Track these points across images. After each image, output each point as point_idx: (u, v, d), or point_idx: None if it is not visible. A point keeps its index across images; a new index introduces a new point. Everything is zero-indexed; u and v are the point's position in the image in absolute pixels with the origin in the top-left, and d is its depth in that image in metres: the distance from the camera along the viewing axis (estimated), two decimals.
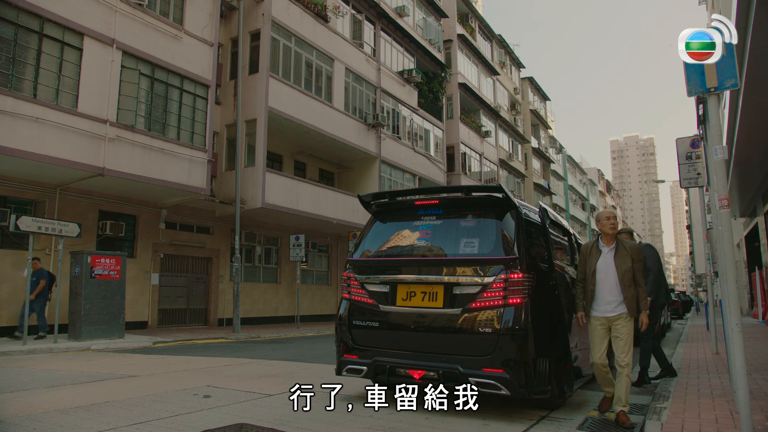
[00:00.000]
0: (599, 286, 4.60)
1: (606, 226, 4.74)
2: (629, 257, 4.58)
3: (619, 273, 4.55)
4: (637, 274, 4.56)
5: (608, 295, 4.56)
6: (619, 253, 4.62)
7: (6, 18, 11.25)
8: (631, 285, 4.51)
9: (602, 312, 4.58)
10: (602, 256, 4.66)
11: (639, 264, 4.58)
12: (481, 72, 33.68)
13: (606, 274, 4.59)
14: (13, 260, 12.63)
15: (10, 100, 11.12)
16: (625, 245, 4.64)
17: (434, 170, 26.41)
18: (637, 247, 4.69)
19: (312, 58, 19.16)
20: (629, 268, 4.54)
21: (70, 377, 6.52)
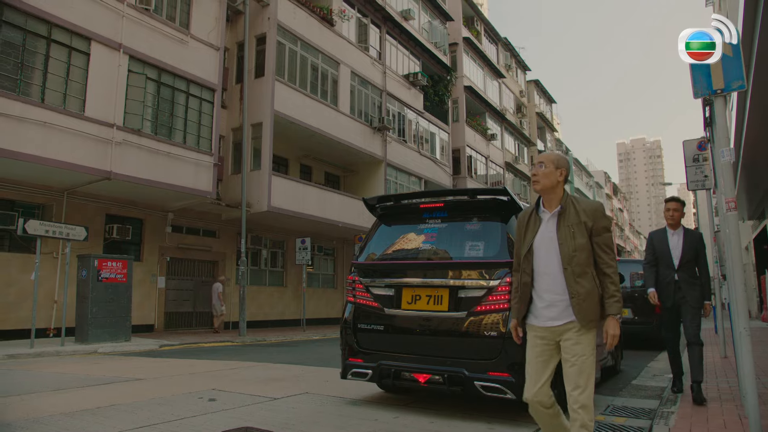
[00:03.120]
0: (537, 276, 2.97)
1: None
2: (583, 226, 2.91)
3: (563, 253, 2.90)
4: (601, 253, 2.91)
5: (548, 291, 2.93)
6: (564, 220, 2.95)
7: (14, 23, 11.35)
8: (585, 274, 2.86)
9: (542, 319, 2.94)
10: (542, 226, 3.02)
11: (603, 237, 2.93)
12: (487, 75, 33.65)
13: (547, 255, 2.95)
14: (20, 264, 12.70)
15: (19, 105, 11.20)
16: (578, 205, 2.98)
17: (440, 173, 26.38)
18: (598, 208, 3.00)
19: (318, 61, 19.21)
20: (583, 245, 2.88)
21: (77, 380, 6.54)
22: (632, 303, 10.71)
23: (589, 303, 2.85)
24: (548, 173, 3.02)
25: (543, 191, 3.05)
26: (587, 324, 2.84)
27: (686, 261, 5.31)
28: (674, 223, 5.44)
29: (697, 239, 5.42)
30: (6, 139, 10.92)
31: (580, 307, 2.84)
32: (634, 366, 8.32)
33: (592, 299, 2.86)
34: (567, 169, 3.06)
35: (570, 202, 3.00)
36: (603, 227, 2.95)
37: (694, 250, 5.34)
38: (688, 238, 5.39)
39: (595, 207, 3.01)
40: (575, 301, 2.85)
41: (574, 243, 2.90)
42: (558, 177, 3.03)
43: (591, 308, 2.86)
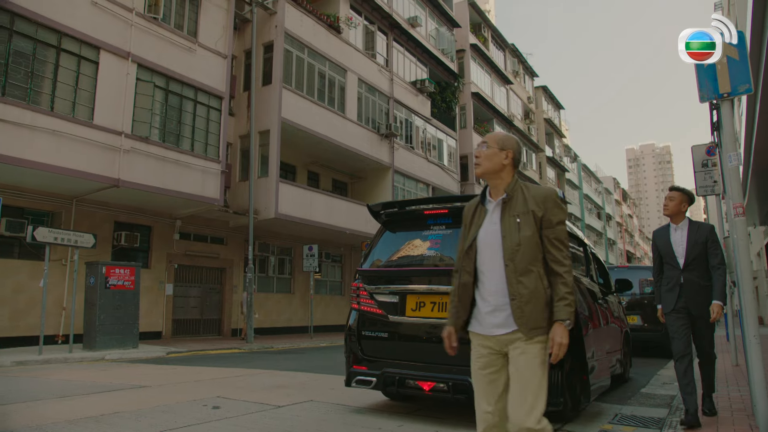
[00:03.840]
0: (481, 276, 2.53)
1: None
2: (530, 216, 2.47)
3: (505, 247, 2.45)
4: (552, 248, 2.45)
5: (493, 294, 2.48)
6: (510, 209, 2.52)
7: (25, 33, 11.47)
8: (529, 272, 2.41)
9: (487, 327, 2.48)
10: (487, 217, 2.58)
11: (556, 230, 2.47)
12: (495, 81, 33.63)
13: (491, 251, 2.51)
14: (30, 271, 12.78)
15: (29, 113, 11.31)
16: (527, 192, 2.55)
17: (448, 180, 26.34)
18: (550, 196, 2.53)
19: (325, 69, 19.27)
20: (528, 238, 2.44)
21: (82, 387, 6.55)
22: (641, 310, 10.63)
23: (533, 307, 2.41)
24: (491, 155, 2.61)
25: (486, 176, 2.63)
26: (530, 332, 2.38)
27: (693, 258, 4.56)
28: (669, 214, 4.73)
29: (706, 232, 4.63)
30: (16, 147, 11.02)
31: (521, 312, 2.40)
32: (644, 374, 8.22)
33: (536, 302, 2.42)
34: (515, 151, 2.63)
35: (519, 189, 2.57)
36: (556, 219, 2.50)
37: (702, 245, 4.57)
38: (694, 232, 4.63)
39: (547, 194, 2.54)
40: (515, 304, 2.41)
41: (518, 235, 2.45)
42: (503, 159, 2.60)
43: (535, 313, 2.41)
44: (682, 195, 4.74)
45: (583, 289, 5.42)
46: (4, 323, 12.24)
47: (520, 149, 2.69)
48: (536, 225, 2.48)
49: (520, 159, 2.70)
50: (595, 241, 54.66)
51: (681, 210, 4.72)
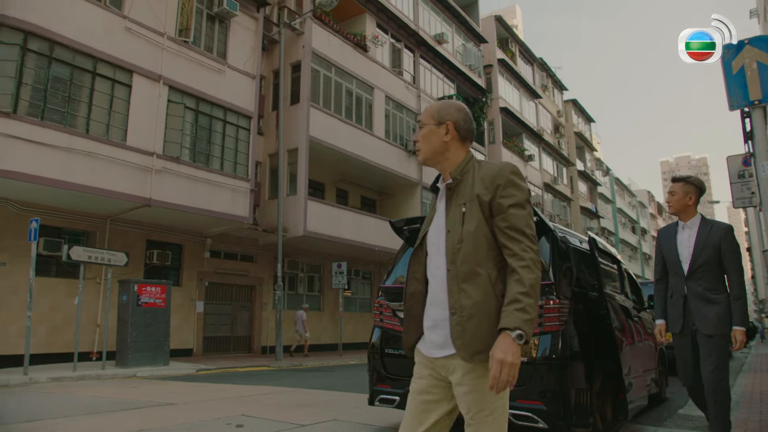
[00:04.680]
0: (429, 282, 2.04)
1: None
2: (475, 203, 1.93)
3: (447, 246, 1.95)
4: (507, 241, 1.87)
5: (434, 305, 2.00)
6: (456, 197, 2.00)
7: (63, 59, 11.89)
8: (474, 276, 1.88)
9: (427, 346, 2.01)
10: (438, 211, 2.08)
11: (509, 215, 1.88)
12: (523, 96, 33.44)
13: (436, 252, 2.01)
14: (66, 288, 13.08)
15: (65, 136, 11.67)
16: (477, 172, 1.99)
17: None
18: (499, 173, 1.94)
19: (352, 87, 19.44)
20: (472, 232, 1.91)
21: (111, 404, 6.62)
22: None
23: (478, 323, 1.83)
24: (427, 134, 2.07)
25: (429, 162, 2.09)
26: (472, 357, 1.81)
27: (700, 265, 3.76)
28: (675, 211, 3.98)
29: (720, 233, 3.78)
30: (53, 169, 11.37)
31: (461, 330, 1.84)
32: (681, 394, 7.91)
33: (483, 317, 1.83)
34: (459, 120, 2.05)
35: (470, 169, 2.01)
36: (508, 201, 1.89)
37: (713, 249, 3.75)
38: (705, 232, 3.81)
39: (496, 171, 1.94)
40: (455, 320, 1.86)
41: (461, 229, 1.92)
42: (443, 136, 2.04)
43: (480, 331, 1.82)
44: (685, 186, 3.91)
45: (616, 306, 5.29)
46: (42, 340, 12.52)
47: (466, 117, 2.09)
48: (484, 214, 1.91)
49: (471, 129, 2.11)
50: (629, 255, 53.43)
51: (687, 204, 3.91)
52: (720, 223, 3.87)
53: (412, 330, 2.09)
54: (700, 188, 3.94)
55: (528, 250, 1.85)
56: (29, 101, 11.37)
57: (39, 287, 12.72)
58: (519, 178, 1.96)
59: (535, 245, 1.89)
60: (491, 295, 1.85)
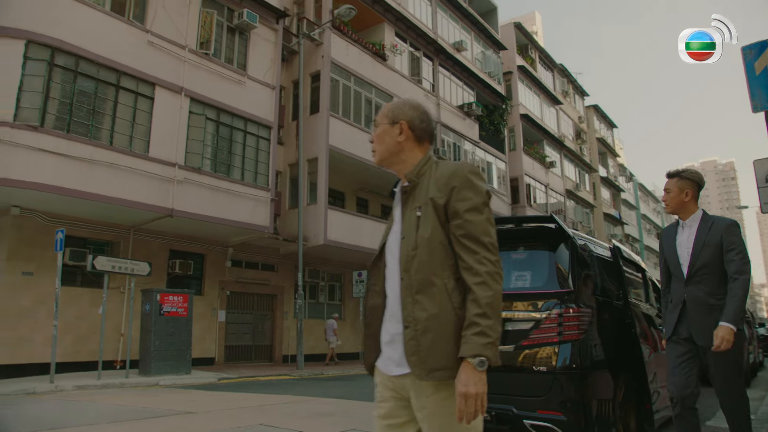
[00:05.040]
0: (388, 292, 1.90)
1: None
2: (430, 207, 1.80)
3: (401, 254, 1.83)
4: (463, 251, 1.74)
5: (390, 318, 1.86)
6: (412, 201, 1.88)
7: (88, 74, 12.15)
8: (428, 286, 1.75)
9: (384, 362, 1.89)
10: (395, 217, 1.98)
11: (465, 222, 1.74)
12: (543, 102, 33.23)
13: (392, 261, 1.89)
14: (91, 298, 13.28)
15: (90, 148, 11.90)
16: (434, 173, 1.87)
17: (498, 203, 25.99)
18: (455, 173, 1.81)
19: (371, 96, 19.52)
20: (426, 239, 1.78)
21: (133, 413, 6.69)
22: None
23: (434, 338, 1.69)
24: (381, 134, 1.97)
25: (384, 164, 1.99)
26: (428, 375, 1.69)
27: (700, 267, 3.40)
28: (672, 210, 3.62)
29: (722, 229, 3.39)
30: (79, 180, 11.59)
31: (416, 345, 1.71)
32: (710, 404, 7.70)
33: (438, 331, 1.69)
34: (413, 119, 1.94)
35: (426, 171, 1.88)
36: (464, 206, 1.74)
37: (714, 248, 3.36)
38: (705, 230, 3.43)
39: (451, 171, 1.81)
40: (409, 334, 1.74)
41: (416, 235, 1.79)
42: (397, 136, 1.94)
43: (437, 347, 1.69)
44: (679, 181, 3.55)
45: (641, 314, 5.21)
46: (67, 348, 12.72)
47: (421, 115, 1.97)
48: (439, 219, 1.78)
49: (428, 128, 1.98)
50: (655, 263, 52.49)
51: (683, 201, 3.54)
52: (722, 219, 3.49)
53: (371, 348, 1.93)
54: (697, 183, 3.58)
55: (484, 262, 1.70)
56: (56, 115, 11.63)
57: (65, 297, 12.92)
58: (477, 178, 1.81)
59: (494, 255, 1.74)
60: (448, 307, 1.72)
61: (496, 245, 1.77)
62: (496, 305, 1.68)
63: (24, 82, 11.29)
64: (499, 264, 1.75)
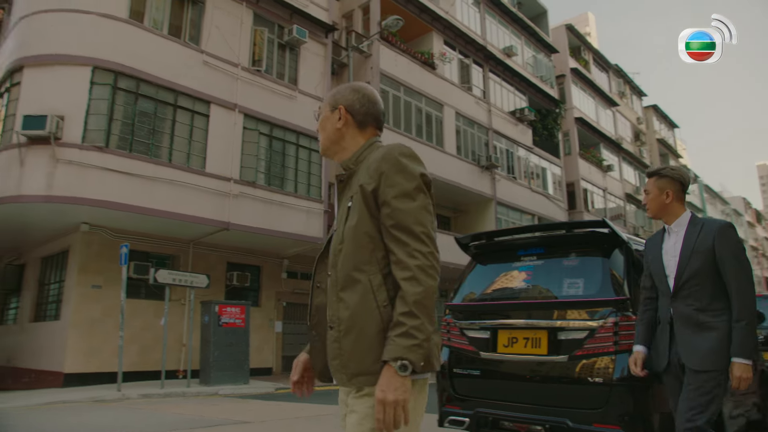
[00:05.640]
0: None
1: None
2: (359, 194, 1.67)
3: (331, 247, 1.75)
4: (392, 243, 1.60)
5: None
6: (347, 190, 1.77)
7: (147, 95, 12.71)
8: (352, 282, 1.61)
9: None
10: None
11: (393, 209, 1.60)
12: (599, 104, 32.32)
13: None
14: (155, 310, 13.79)
15: (150, 166, 12.42)
16: (369, 157, 1.75)
17: (554, 209, 25.41)
18: (386, 156, 1.66)
19: (421, 105, 19.53)
20: (353, 227, 1.65)
21: (192, 422, 6.87)
22: None
23: (355, 339, 1.56)
24: (323, 121, 1.87)
25: (328, 153, 1.88)
26: (350, 380, 1.57)
27: (688, 278, 2.84)
28: (653, 215, 3.08)
29: (713, 233, 2.82)
30: (141, 197, 12.10)
31: (339, 347, 1.59)
32: None
33: (360, 331, 1.56)
34: (352, 102, 1.80)
35: (365, 157, 1.73)
36: (392, 192, 1.58)
37: (704, 255, 2.80)
38: (693, 234, 2.88)
39: (382, 155, 1.65)
40: (332, 335, 1.61)
41: (343, 228, 1.67)
42: (336, 122, 1.81)
43: (358, 349, 1.56)
44: (658, 180, 3.03)
45: None
46: (133, 358, 13.23)
47: (363, 98, 1.82)
48: (368, 208, 1.62)
49: (371, 112, 1.82)
50: None
51: (664, 203, 3.01)
52: (713, 221, 2.95)
53: (319, 349, 1.74)
54: (679, 181, 3.02)
55: (415, 255, 1.54)
56: (119, 135, 12.22)
57: (130, 309, 13.47)
58: (410, 160, 1.64)
59: (427, 246, 1.58)
60: (372, 305, 1.56)
61: (431, 235, 1.62)
62: (426, 303, 1.53)
63: (91, 105, 11.92)
64: (434, 257, 1.60)
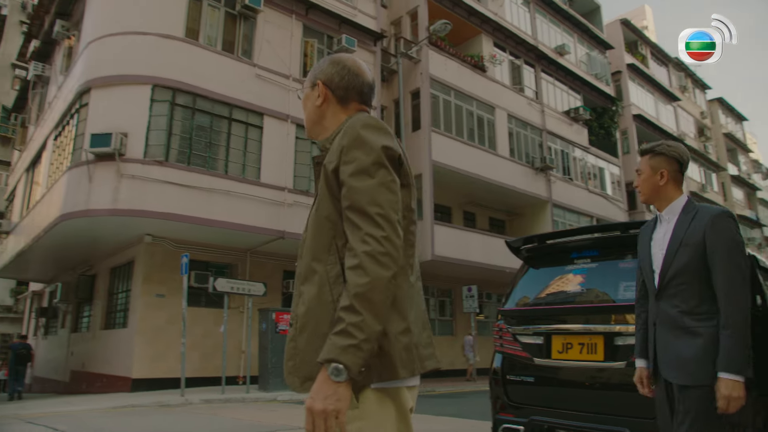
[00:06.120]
0: None
1: None
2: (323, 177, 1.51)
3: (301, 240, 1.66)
4: (348, 226, 1.41)
5: None
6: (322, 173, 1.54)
7: (204, 110, 13.18)
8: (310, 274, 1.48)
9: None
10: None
11: (349, 187, 1.41)
12: (658, 100, 31.12)
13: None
14: (215, 318, 14.19)
15: (208, 178, 12.85)
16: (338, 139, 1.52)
17: (613, 210, 24.60)
18: (349, 128, 1.49)
19: (472, 108, 19.37)
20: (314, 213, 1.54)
21: (250, 427, 7.01)
22: None
23: (308, 338, 1.43)
24: (304, 100, 1.71)
25: (313, 134, 1.71)
26: (302, 386, 1.42)
27: (673, 275, 2.35)
28: (644, 198, 2.57)
29: (705, 222, 2.30)
30: (200, 208, 12.53)
31: (294, 347, 1.46)
32: None
33: (313, 329, 1.42)
34: (334, 76, 1.64)
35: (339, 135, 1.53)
36: (349, 169, 1.41)
37: (692, 247, 2.29)
38: (684, 223, 2.37)
39: (345, 128, 1.51)
40: (290, 334, 1.49)
41: (312, 213, 1.54)
42: (315, 100, 1.65)
43: (310, 349, 1.41)
44: (651, 159, 2.51)
45: None
46: (195, 365, 13.67)
47: (342, 70, 1.65)
48: (330, 190, 1.47)
49: (352, 85, 1.65)
50: None
51: (657, 185, 2.49)
52: (708, 208, 2.40)
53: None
54: (676, 159, 2.49)
55: (367, 241, 1.33)
56: (178, 149, 12.71)
57: (191, 316, 13.92)
58: (371, 131, 1.45)
59: (382, 230, 1.35)
60: (327, 299, 1.40)
61: (389, 217, 1.38)
62: (372, 297, 1.30)
63: (151, 122, 12.45)
64: (390, 242, 1.36)
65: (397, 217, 1.40)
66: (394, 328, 1.40)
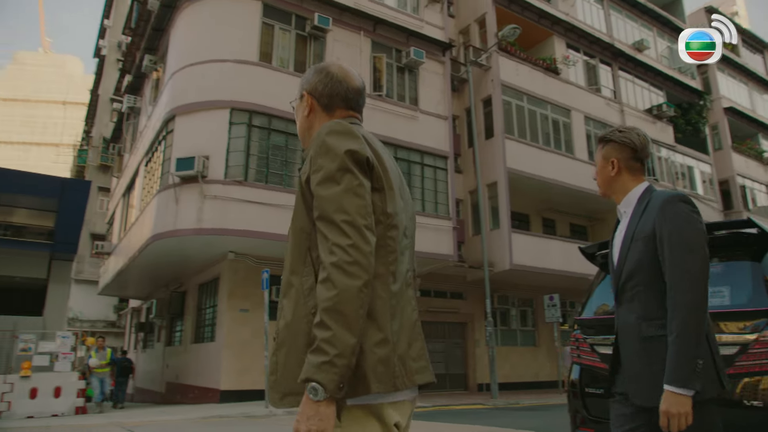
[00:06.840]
0: None
1: None
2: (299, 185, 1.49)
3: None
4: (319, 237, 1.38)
5: None
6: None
7: (279, 129, 13.64)
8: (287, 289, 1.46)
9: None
10: None
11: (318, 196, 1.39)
12: (753, 90, 29.01)
13: None
14: None
15: (285, 195, 13.22)
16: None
17: (705, 210, 23.07)
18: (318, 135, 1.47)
19: (547, 112, 18.88)
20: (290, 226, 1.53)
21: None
22: None
23: (287, 352, 1.40)
24: (297, 110, 1.71)
25: (304, 145, 1.67)
26: (281, 401, 1.39)
27: (629, 276, 2.07)
28: (602, 192, 2.33)
29: (655, 210, 2.02)
30: (277, 225, 12.84)
31: (275, 362, 1.43)
32: None
33: (290, 344, 1.39)
34: (318, 85, 1.62)
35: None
36: (315, 177, 1.39)
37: (643, 241, 2.02)
38: (637, 216, 2.11)
39: (313, 138, 1.49)
40: (272, 349, 1.50)
41: (290, 225, 1.52)
42: (304, 110, 1.66)
43: (289, 364, 1.38)
44: (603, 149, 2.27)
45: None
46: None
47: (325, 78, 1.64)
48: (305, 200, 1.45)
49: (337, 92, 1.63)
50: None
51: (609, 176, 2.25)
52: (660, 193, 2.11)
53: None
54: (628, 146, 2.23)
55: (333, 251, 1.30)
56: (256, 169, 13.22)
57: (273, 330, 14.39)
58: (335, 137, 1.42)
59: (348, 238, 1.31)
60: (301, 313, 1.38)
61: (356, 224, 1.34)
62: (342, 309, 1.26)
63: (230, 143, 13.05)
64: (357, 250, 1.31)
65: (366, 222, 1.35)
66: (369, 339, 1.34)
